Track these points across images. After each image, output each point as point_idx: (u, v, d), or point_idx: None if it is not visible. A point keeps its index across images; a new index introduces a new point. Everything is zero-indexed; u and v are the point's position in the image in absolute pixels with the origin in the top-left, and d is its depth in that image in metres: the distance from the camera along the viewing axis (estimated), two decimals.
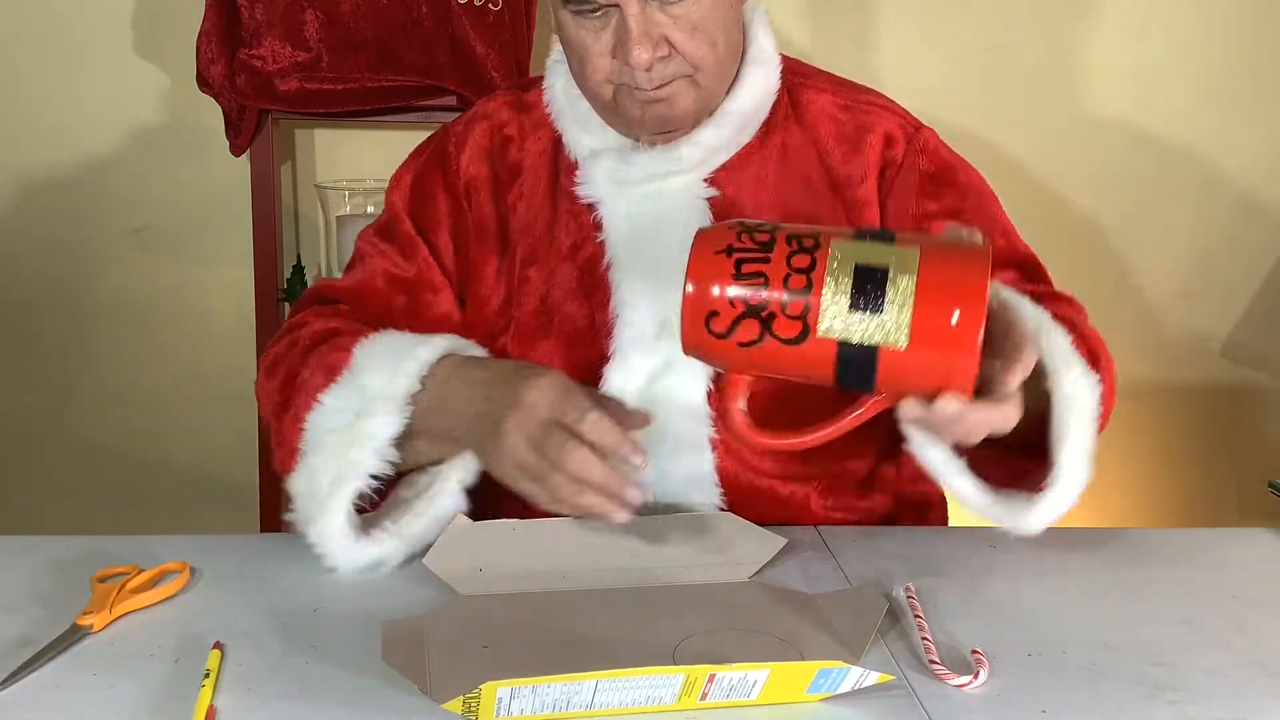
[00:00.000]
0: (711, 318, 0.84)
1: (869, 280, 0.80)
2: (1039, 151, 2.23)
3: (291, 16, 1.95)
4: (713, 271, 0.84)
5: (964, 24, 2.18)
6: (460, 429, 1.00)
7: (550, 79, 1.21)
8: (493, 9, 1.99)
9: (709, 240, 0.86)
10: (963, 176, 1.20)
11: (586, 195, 1.15)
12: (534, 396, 0.93)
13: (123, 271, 2.17)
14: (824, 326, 0.81)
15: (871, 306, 0.80)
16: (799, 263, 0.82)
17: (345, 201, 2.06)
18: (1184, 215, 2.27)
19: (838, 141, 1.18)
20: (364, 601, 0.96)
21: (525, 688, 0.76)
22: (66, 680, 0.84)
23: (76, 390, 2.21)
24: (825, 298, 0.81)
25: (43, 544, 1.06)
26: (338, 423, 1.01)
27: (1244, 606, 0.99)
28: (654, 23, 1.05)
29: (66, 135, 2.11)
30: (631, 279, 1.13)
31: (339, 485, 0.99)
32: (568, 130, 1.19)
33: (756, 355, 0.84)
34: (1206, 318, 2.32)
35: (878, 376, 0.82)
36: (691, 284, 0.85)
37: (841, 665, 0.79)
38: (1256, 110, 2.24)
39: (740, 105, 1.15)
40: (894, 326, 0.80)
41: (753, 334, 0.83)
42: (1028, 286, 1.12)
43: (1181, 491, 2.38)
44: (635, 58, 1.04)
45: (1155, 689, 0.85)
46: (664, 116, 1.11)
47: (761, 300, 0.83)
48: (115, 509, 2.23)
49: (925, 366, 0.81)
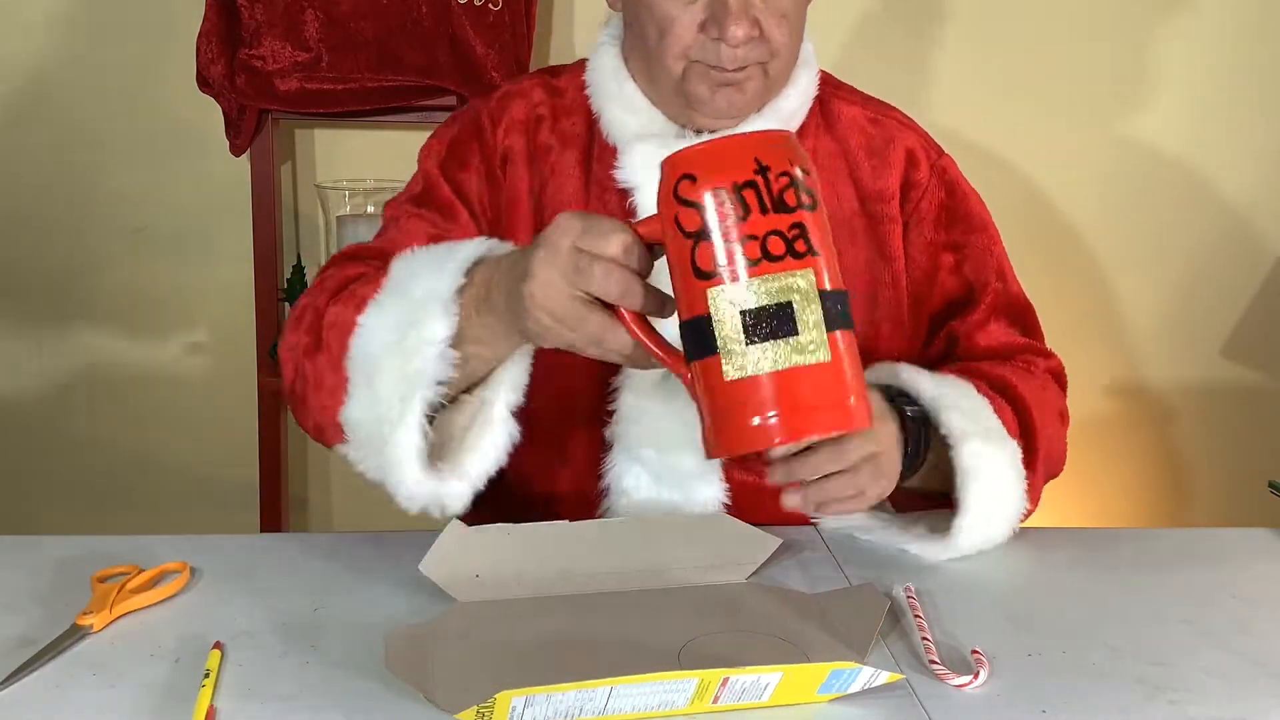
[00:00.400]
0: (685, 204, 0.79)
1: (786, 317, 0.77)
2: (1039, 152, 2.23)
3: (291, 16, 1.95)
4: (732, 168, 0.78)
5: (963, 31, 2.18)
6: (503, 311, 0.91)
7: (597, 59, 1.20)
8: (493, 9, 1.99)
9: (765, 148, 0.79)
10: (974, 210, 1.22)
11: (624, 180, 1.14)
12: (554, 234, 0.85)
13: (123, 271, 2.17)
14: (724, 296, 0.78)
15: (779, 333, 0.77)
16: (774, 246, 0.77)
17: (345, 201, 2.06)
18: (1184, 216, 2.27)
19: (867, 154, 1.20)
20: (364, 601, 0.96)
21: (540, 696, 0.75)
22: (66, 680, 0.84)
23: (76, 390, 2.21)
24: (747, 290, 0.77)
25: (43, 544, 1.06)
26: (388, 337, 0.95)
27: (1244, 606, 0.99)
28: (750, 3, 1.07)
29: (66, 135, 2.11)
30: (661, 270, 1.12)
31: (409, 401, 0.93)
32: (610, 112, 1.17)
33: (671, 243, 0.80)
34: (1206, 318, 2.32)
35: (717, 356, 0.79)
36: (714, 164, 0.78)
37: (853, 666, 0.79)
38: (1256, 110, 2.24)
39: (788, 104, 1.16)
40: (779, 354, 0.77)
41: (695, 226, 0.78)
42: (1007, 337, 1.19)
43: (1181, 491, 2.38)
44: (732, 34, 1.05)
45: (1155, 689, 0.85)
46: (733, 101, 1.11)
47: (724, 229, 0.77)
48: (115, 509, 2.23)
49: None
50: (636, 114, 1.16)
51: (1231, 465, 2.36)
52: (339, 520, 2.30)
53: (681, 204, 0.78)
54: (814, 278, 0.77)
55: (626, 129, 1.16)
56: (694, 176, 0.78)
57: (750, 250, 0.76)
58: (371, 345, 0.96)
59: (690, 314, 0.79)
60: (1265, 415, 2.36)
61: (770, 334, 0.76)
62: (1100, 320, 2.30)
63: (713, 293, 0.77)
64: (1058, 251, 2.25)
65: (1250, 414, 2.36)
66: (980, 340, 1.19)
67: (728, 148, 0.78)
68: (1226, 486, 2.37)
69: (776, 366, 0.76)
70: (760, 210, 0.77)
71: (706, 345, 0.78)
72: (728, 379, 0.77)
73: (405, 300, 0.95)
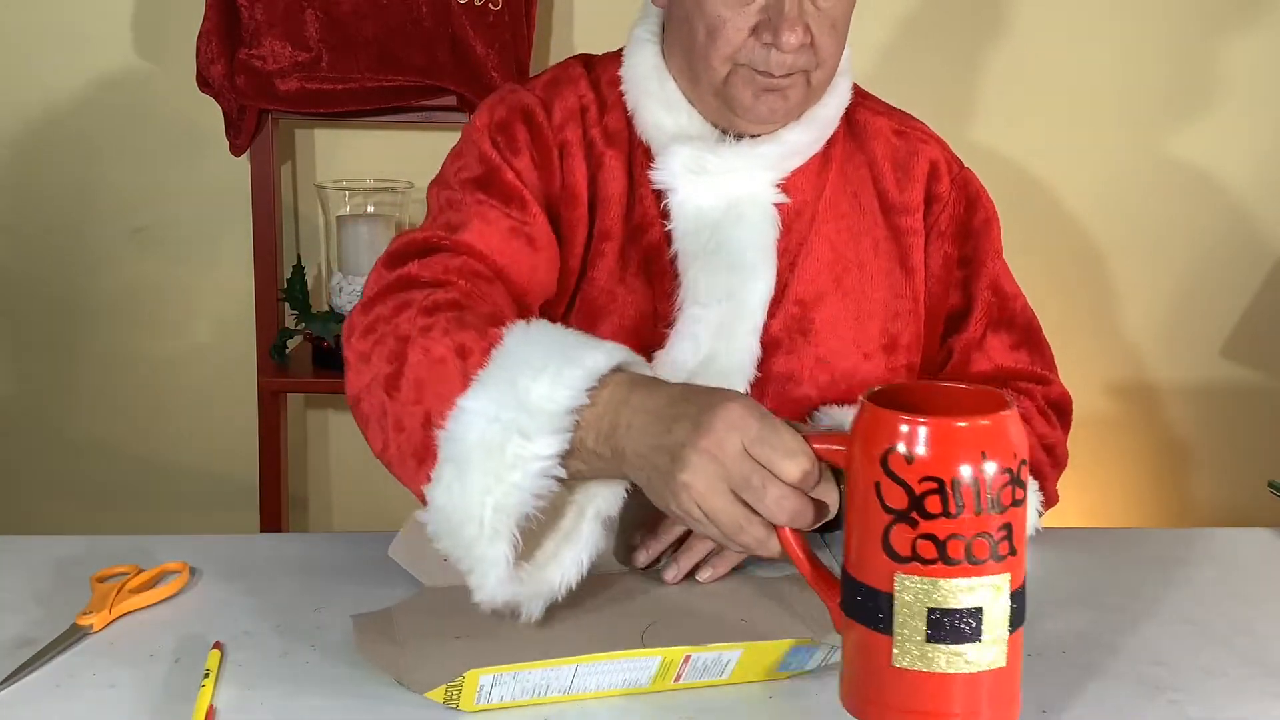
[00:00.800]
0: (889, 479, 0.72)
1: (974, 621, 0.72)
2: (1039, 153, 2.23)
3: (291, 16, 1.95)
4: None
5: (967, 29, 2.18)
6: (631, 460, 0.83)
7: (635, 56, 1.17)
8: (493, 9, 1.99)
9: (993, 438, 0.72)
10: (979, 220, 1.21)
11: (660, 181, 1.12)
12: (724, 426, 0.78)
13: (123, 271, 2.17)
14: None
15: (962, 637, 0.72)
16: (979, 549, 0.72)
17: (345, 201, 2.06)
18: (1184, 216, 2.27)
19: (892, 166, 1.19)
20: (364, 601, 0.96)
21: (506, 674, 0.77)
22: (66, 680, 0.84)
23: (76, 390, 2.21)
24: (940, 588, 0.72)
25: (43, 544, 1.06)
26: (490, 436, 0.84)
27: (1244, 606, 0.99)
28: (804, 11, 1.06)
29: (67, 135, 2.11)
30: (702, 273, 1.11)
31: (503, 512, 0.83)
32: (648, 110, 1.14)
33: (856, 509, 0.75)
34: (1206, 318, 2.32)
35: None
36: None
37: (811, 642, 0.80)
38: (1256, 111, 2.24)
39: (826, 112, 1.16)
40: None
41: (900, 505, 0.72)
42: (1005, 358, 1.18)
43: (1181, 491, 2.38)
44: (786, 40, 1.04)
45: (1155, 689, 0.85)
46: (775, 107, 1.10)
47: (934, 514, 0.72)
48: (115, 509, 2.23)
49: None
50: (675, 114, 1.14)
51: (1231, 465, 2.36)
52: (339, 520, 2.30)
53: (888, 476, 0.72)
54: (1010, 581, 0.72)
55: (663, 129, 1.14)
56: (909, 457, 0.71)
57: (954, 549, 0.71)
58: (469, 434, 0.85)
59: (865, 579, 0.74)
60: (1265, 415, 2.36)
61: (953, 637, 0.71)
62: (1100, 320, 2.30)
63: (900, 578, 0.72)
64: (1058, 251, 2.25)
65: (1250, 414, 2.35)
66: (976, 359, 1.18)
67: (952, 435, 0.71)
68: (1226, 486, 2.37)
69: (950, 669, 0.72)
70: (974, 510, 0.70)
71: (879, 621, 0.73)
72: (895, 665, 0.73)
73: (514, 395, 0.84)
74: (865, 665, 0.75)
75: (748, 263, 1.11)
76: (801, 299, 1.15)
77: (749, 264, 1.11)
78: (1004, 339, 1.19)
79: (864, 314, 1.16)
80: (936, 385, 0.80)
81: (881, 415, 0.73)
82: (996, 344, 1.19)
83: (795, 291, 1.15)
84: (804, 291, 1.15)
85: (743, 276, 1.11)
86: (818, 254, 1.16)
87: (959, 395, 0.78)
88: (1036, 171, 2.24)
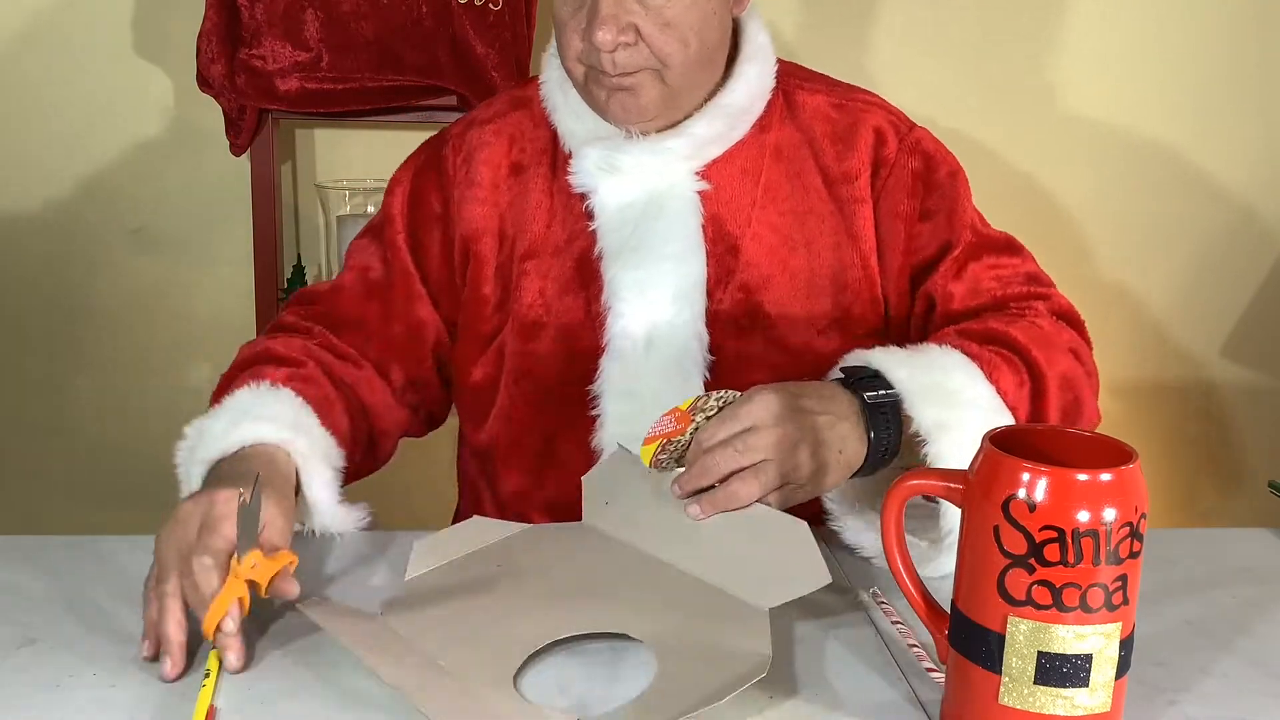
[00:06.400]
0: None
1: (1083, 668, 0.74)
2: (1038, 154, 2.22)
3: (292, 16, 1.95)
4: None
5: (959, 26, 2.18)
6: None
7: (547, 71, 1.22)
8: (493, 9, 1.99)
9: (1118, 492, 0.73)
10: (944, 174, 1.19)
11: (579, 185, 1.16)
12: (183, 514, 0.98)
13: (122, 271, 2.16)
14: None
15: (1071, 682, 0.74)
16: (1093, 599, 0.73)
17: (345, 201, 2.06)
18: (1184, 215, 2.27)
19: (831, 140, 1.19)
20: (364, 600, 0.96)
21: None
22: (67, 680, 0.84)
23: (76, 390, 2.21)
24: (1053, 634, 0.73)
25: (43, 544, 1.06)
26: (189, 443, 1.14)
27: (1244, 607, 0.99)
28: (626, 10, 1.07)
29: (66, 135, 2.11)
30: (622, 269, 1.14)
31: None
32: (561, 121, 1.19)
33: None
34: (1206, 318, 2.32)
35: None
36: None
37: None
38: (1256, 111, 2.24)
39: (734, 99, 1.16)
40: None
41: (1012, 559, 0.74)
42: (1000, 266, 1.16)
43: (1181, 491, 2.38)
44: (599, 38, 1.06)
45: (1155, 689, 0.85)
46: (627, 106, 1.12)
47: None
48: (116, 509, 2.23)
49: None
50: (582, 120, 1.18)
51: (1231, 465, 2.36)
52: None
53: (1009, 522, 0.73)
54: (1120, 630, 0.74)
55: (577, 136, 1.18)
56: (1032, 504, 0.72)
57: (1069, 597, 0.72)
58: (188, 441, 1.17)
59: (976, 618, 0.76)
60: (1265, 415, 2.36)
61: (1061, 681, 0.73)
62: (1100, 319, 2.29)
63: (1015, 621, 0.74)
64: (1057, 250, 2.25)
65: (1250, 413, 2.36)
66: (956, 289, 1.14)
67: (1077, 487, 0.72)
68: (1226, 486, 2.37)
69: (1056, 712, 0.74)
70: (1093, 561, 0.72)
71: (988, 658, 0.75)
72: (1001, 702, 0.75)
73: (199, 433, 1.16)
74: (971, 699, 0.77)
75: (671, 253, 1.14)
76: (746, 284, 1.16)
77: (673, 255, 1.14)
78: (984, 261, 1.16)
79: (814, 291, 1.17)
80: (1060, 430, 0.81)
81: (1005, 461, 0.74)
82: (979, 267, 1.16)
83: (740, 277, 1.16)
84: (749, 276, 1.16)
85: (668, 267, 1.14)
86: (761, 238, 1.17)
87: (1082, 442, 0.79)
88: (1036, 171, 2.24)
